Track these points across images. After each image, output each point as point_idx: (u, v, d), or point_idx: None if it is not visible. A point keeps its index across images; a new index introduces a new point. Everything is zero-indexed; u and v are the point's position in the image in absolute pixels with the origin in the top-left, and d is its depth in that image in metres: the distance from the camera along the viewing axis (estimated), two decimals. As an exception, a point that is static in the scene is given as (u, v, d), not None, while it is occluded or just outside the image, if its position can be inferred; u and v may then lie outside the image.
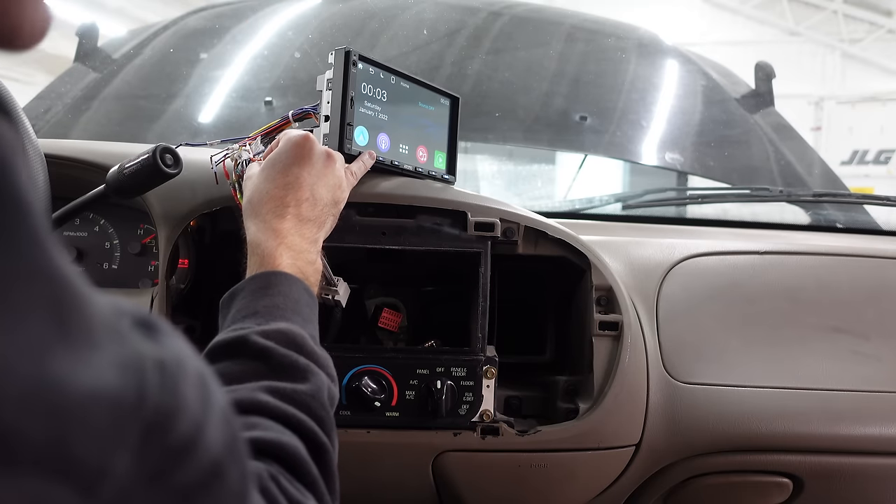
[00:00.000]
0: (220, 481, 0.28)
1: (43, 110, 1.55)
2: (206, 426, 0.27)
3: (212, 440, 0.28)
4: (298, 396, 0.51)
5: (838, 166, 8.04)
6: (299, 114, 0.80)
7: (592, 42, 1.88)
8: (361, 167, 0.78)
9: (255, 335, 0.54)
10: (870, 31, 9.95)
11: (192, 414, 0.27)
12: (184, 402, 0.26)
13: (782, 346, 0.91)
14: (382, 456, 0.82)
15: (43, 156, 0.66)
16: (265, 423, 0.48)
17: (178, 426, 0.26)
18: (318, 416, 0.51)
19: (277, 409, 0.49)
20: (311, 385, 0.53)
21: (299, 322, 0.58)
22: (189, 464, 0.26)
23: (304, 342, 0.56)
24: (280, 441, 0.46)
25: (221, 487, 0.29)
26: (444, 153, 0.91)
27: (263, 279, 0.60)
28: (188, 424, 0.26)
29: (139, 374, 0.25)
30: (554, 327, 0.95)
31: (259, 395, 0.49)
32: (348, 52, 0.77)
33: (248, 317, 0.57)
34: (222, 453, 0.28)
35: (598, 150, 1.70)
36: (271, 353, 0.53)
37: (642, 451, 0.85)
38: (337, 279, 0.79)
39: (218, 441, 0.28)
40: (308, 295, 0.62)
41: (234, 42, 1.73)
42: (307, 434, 0.49)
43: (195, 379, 0.28)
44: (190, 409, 0.27)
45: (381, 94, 0.82)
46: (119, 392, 0.24)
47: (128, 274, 0.95)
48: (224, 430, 0.29)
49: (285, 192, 0.66)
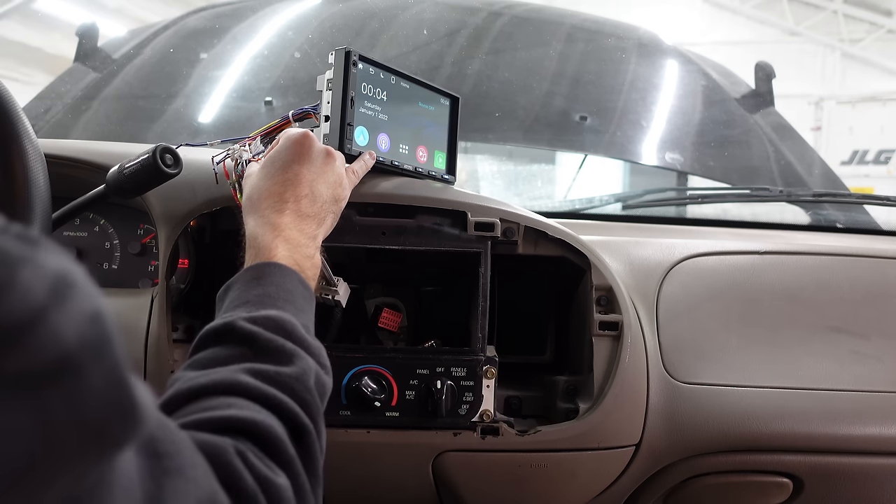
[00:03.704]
0: (76, 379, 0.28)
1: (43, 110, 1.55)
2: (53, 315, 0.27)
3: (62, 332, 0.27)
4: (281, 378, 0.51)
5: (838, 166, 8.04)
6: (299, 114, 0.80)
7: (592, 42, 1.88)
8: (363, 166, 0.78)
9: (242, 321, 0.54)
10: (870, 31, 9.96)
11: (30, 298, 0.27)
12: (18, 285, 0.26)
13: (782, 346, 0.91)
14: (382, 456, 0.82)
15: (43, 156, 0.66)
16: (241, 403, 0.48)
17: (5, 304, 0.26)
18: (302, 398, 0.51)
19: (257, 389, 0.49)
20: (296, 368, 0.53)
21: (291, 311, 0.58)
22: (24, 347, 0.26)
23: (293, 329, 0.56)
24: (254, 419, 0.46)
25: (79, 387, 0.28)
26: (444, 153, 0.91)
27: (257, 269, 0.60)
28: (21, 305, 0.26)
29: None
30: (554, 327, 0.95)
31: (239, 375, 0.50)
32: (348, 52, 0.77)
33: (239, 306, 0.58)
34: (78, 350, 0.28)
35: (598, 150, 1.70)
36: (256, 337, 0.53)
37: (642, 451, 0.85)
38: (337, 279, 0.79)
39: (72, 336, 0.28)
40: (303, 286, 0.62)
41: (234, 42, 1.73)
42: (287, 415, 0.49)
43: (46, 273, 0.28)
44: (27, 293, 0.27)
45: (381, 94, 0.82)
46: None
47: (128, 274, 0.95)
48: (85, 330, 0.29)
49: (284, 188, 0.66)
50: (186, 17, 1.88)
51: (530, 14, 1.93)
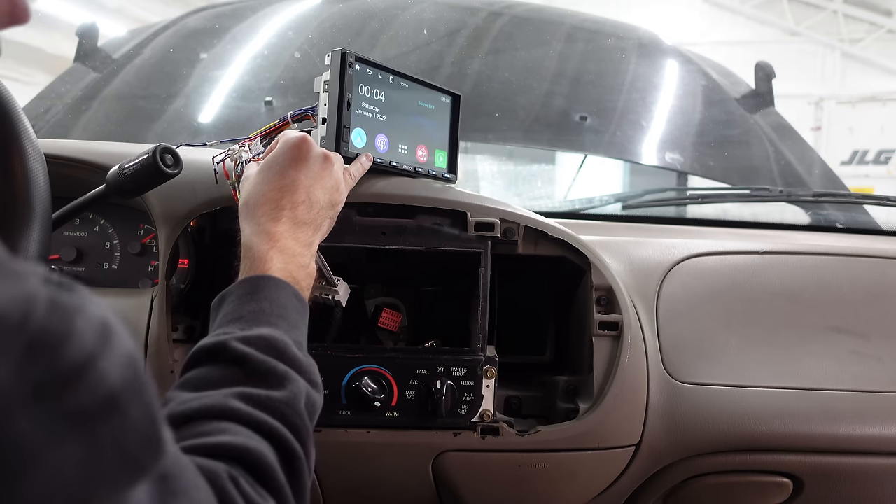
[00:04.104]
0: (119, 415, 0.31)
1: (43, 110, 1.55)
2: (102, 359, 0.30)
3: (109, 374, 0.31)
4: (272, 403, 0.51)
5: (838, 166, 8.03)
6: (298, 115, 0.80)
7: (592, 42, 1.88)
8: (360, 169, 0.78)
9: (234, 341, 0.54)
10: (870, 31, 9.96)
11: (85, 344, 0.30)
12: (76, 333, 0.29)
13: (782, 345, 0.91)
14: (382, 456, 0.82)
15: (43, 156, 0.66)
16: (234, 429, 0.48)
17: (67, 351, 0.29)
18: (293, 423, 0.51)
19: (249, 415, 0.49)
20: (287, 392, 0.53)
21: (284, 327, 0.58)
22: (81, 388, 0.29)
23: (285, 348, 0.56)
24: (246, 445, 0.47)
25: (122, 422, 0.31)
26: (445, 152, 0.91)
27: (251, 283, 0.60)
28: (79, 352, 0.29)
29: (28, 303, 0.28)
30: (554, 327, 0.95)
31: (231, 401, 0.50)
32: (345, 53, 0.76)
33: (233, 321, 0.57)
34: (121, 389, 0.31)
35: (598, 150, 1.70)
36: (249, 359, 0.53)
37: (642, 451, 0.85)
38: (337, 279, 0.79)
39: (116, 377, 0.31)
40: (297, 300, 0.62)
41: (234, 42, 1.73)
42: (278, 441, 0.49)
43: (94, 320, 0.31)
44: (82, 340, 0.30)
45: (378, 94, 0.81)
46: (2, 311, 0.27)
47: (128, 274, 0.95)
48: (126, 371, 0.32)
49: (281, 194, 0.66)
50: (186, 17, 1.88)
51: (530, 14, 1.92)
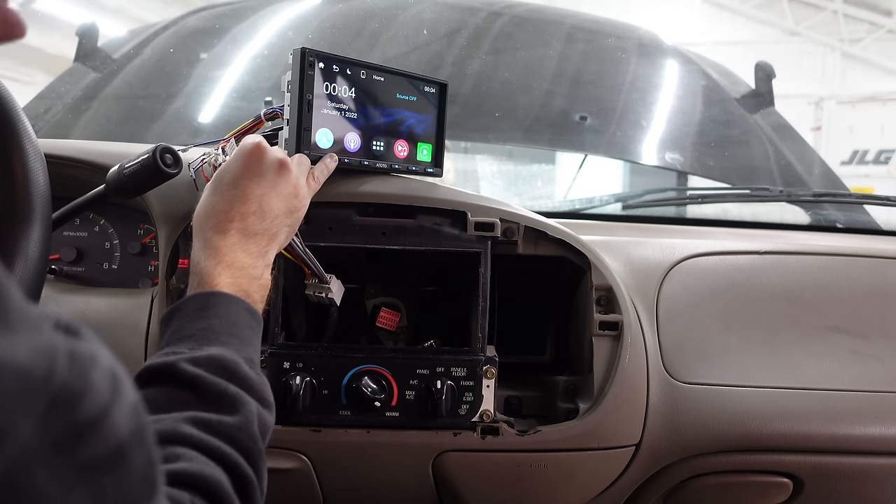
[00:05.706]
0: (125, 464, 0.32)
1: (43, 110, 1.55)
2: (114, 411, 0.31)
3: (119, 425, 0.31)
4: (224, 428, 0.51)
5: (838, 166, 8.03)
6: (270, 113, 0.78)
7: (592, 42, 1.88)
8: (324, 170, 0.75)
9: (184, 362, 0.53)
10: (870, 31, 9.95)
11: (100, 398, 0.30)
12: (92, 386, 0.30)
13: (782, 346, 0.91)
14: (382, 456, 0.82)
15: (43, 156, 0.66)
16: (189, 454, 0.48)
17: (84, 405, 0.29)
18: (245, 447, 0.51)
19: (201, 441, 0.49)
20: (240, 417, 0.52)
21: (235, 345, 0.57)
22: (94, 441, 0.30)
23: (236, 368, 0.55)
24: (202, 473, 0.46)
25: (127, 470, 0.32)
26: (429, 145, 0.86)
27: (202, 299, 0.59)
28: (95, 405, 0.30)
29: (50, 357, 0.28)
30: (554, 327, 0.95)
31: (182, 426, 0.49)
32: (304, 52, 0.73)
33: (182, 340, 0.56)
34: (128, 438, 0.32)
35: (598, 150, 1.70)
36: (199, 382, 0.52)
37: (642, 452, 0.85)
38: (329, 276, 0.79)
39: (125, 427, 0.32)
40: (249, 314, 0.61)
41: (234, 42, 1.73)
42: (231, 467, 0.49)
43: (106, 371, 0.31)
44: (98, 393, 0.30)
45: (348, 90, 0.78)
46: (29, 367, 0.27)
47: (128, 274, 0.95)
48: (132, 419, 0.32)
49: (230, 205, 0.64)
50: (186, 17, 1.88)
51: (530, 14, 1.92)
